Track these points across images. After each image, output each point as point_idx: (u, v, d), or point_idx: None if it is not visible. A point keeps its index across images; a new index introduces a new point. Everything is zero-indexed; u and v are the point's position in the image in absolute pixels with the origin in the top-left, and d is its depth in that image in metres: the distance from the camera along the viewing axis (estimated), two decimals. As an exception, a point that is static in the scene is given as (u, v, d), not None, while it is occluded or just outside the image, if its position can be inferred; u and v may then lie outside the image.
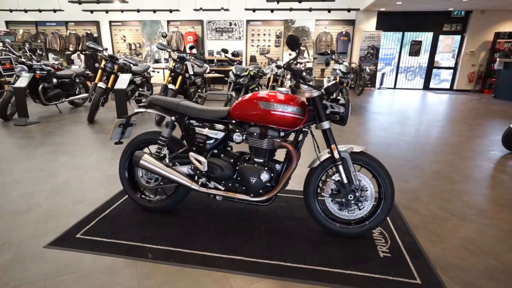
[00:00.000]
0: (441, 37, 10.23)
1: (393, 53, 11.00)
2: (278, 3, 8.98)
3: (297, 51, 1.76)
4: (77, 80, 6.21)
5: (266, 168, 1.91)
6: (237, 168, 1.96)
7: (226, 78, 6.10)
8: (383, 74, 10.89)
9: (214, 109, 2.04)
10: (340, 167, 1.87)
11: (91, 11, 10.54)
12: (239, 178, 1.96)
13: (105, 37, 11.27)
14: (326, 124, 1.87)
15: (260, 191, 1.93)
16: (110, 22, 11.19)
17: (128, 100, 5.37)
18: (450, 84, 10.62)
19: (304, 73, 1.88)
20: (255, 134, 1.93)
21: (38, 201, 2.39)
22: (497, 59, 9.08)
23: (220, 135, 1.98)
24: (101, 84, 4.92)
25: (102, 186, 2.66)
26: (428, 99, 8.57)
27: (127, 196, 2.46)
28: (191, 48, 6.14)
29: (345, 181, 1.87)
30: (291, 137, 2.07)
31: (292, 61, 1.86)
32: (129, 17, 10.95)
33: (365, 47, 10.12)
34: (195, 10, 9.54)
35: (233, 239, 1.93)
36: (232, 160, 2.02)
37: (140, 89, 6.13)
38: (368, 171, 1.94)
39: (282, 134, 1.94)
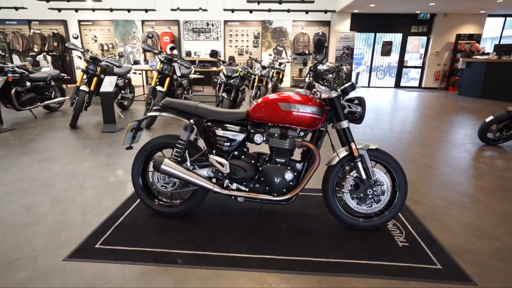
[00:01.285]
0: (409, 38, 10.86)
1: (362, 53, 11.49)
2: (258, 4, 9.05)
3: (322, 53, 1.83)
4: (52, 83, 5.86)
5: (289, 168, 1.95)
6: (260, 168, 1.99)
7: (215, 79, 6.05)
8: (357, 73, 11.34)
9: (233, 111, 2.05)
10: (359, 164, 1.96)
11: (59, 10, 9.96)
12: (262, 179, 1.99)
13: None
14: (345, 123, 1.95)
15: (284, 190, 1.98)
16: (80, 21, 10.65)
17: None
18: (418, 82, 11.30)
19: (330, 75, 1.96)
20: (276, 134, 1.97)
21: (42, 212, 2.26)
22: (460, 59, 9.81)
23: (240, 136, 2.00)
24: (84, 87, 4.70)
25: (107, 194, 2.56)
26: (401, 96, 9.06)
27: (137, 202, 2.40)
28: (171, 49, 6.04)
29: (364, 176, 1.96)
30: (308, 137, 2.13)
31: (318, 63, 1.93)
32: (101, 16, 10.49)
33: (341, 48, 10.48)
34: (172, 10, 9.35)
35: (258, 239, 1.95)
36: (253, 161, 2.04)
37: (123, 91, 5.92)
38: (383, 166, 2.05)
39: (301, 134, 2.00)
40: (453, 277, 1.65)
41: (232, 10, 9.41)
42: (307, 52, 10.50)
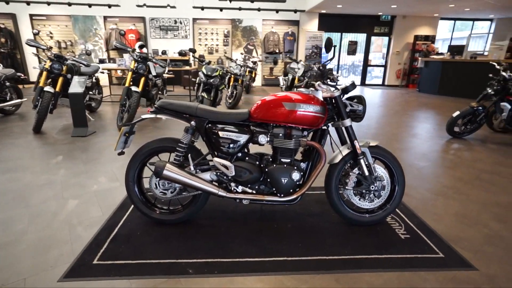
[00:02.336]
0: (373, 38, 11.41)
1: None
2: (230, 1, 8.94)
3: (332, 52, 1.85)
4: (7, 83, 5.32)
5: (295, 167, 1.94)
6: (266, 169, 1.95)
7: (193, 79, 5.86)
8: (326, 72, 11.67)
9: (234, 111, 1.99)
10: (362, 161, 2.00)
11: (7, 2, 9.04)
12: (268, 180, 1.95)
13: (24, 33, 9.80)
14: (347, 122, 1.98)
15: (291, 190, 1.96)
16: (32, 15, 9.77)
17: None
18: (382, 80, 11.93)
19: (334, 74, 1.97)
20: (280, 134, 1.95)
21: (21, 229, 2.02)
22: (419, 58, 10.52)
23: (244, 137, 1.95)
24: (49, 88, 4.30)
25: (93, 204, 2.37)
26: (368, 94, 9.50)
27: (130, 211, 2.24)
28: (141, 47, 5.78)
29: (367, 173, 2.01)
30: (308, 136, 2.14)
31: (328, 62, 1.93)
32: (57, 11, 9.71)
33: (310, 47, 10.72)
34: (138, 6, 8.92)
35: (266, 242, 1.92)
36: (257, 162, 2.00)
37: (90, 92, 5.54)
38: (382, 162, 2.12)
39: (305, 133, 1.99)
40: (455, 264, 1.75)
41: (202, 8, 9.22)
42: (277, 51, 10.60)
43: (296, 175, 1.92)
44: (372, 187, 2.03)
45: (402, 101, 8.10)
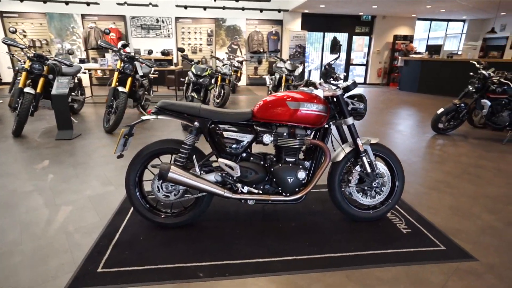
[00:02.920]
0: (354, 37, 11.65)
1: (308, 51, 12.04)
2: (215, 0, 8.85)
3: (337, 51, 1.88)
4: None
5: (301, 166, 1.95)
6: (271, 169, 1.94)
7: (182, 79, 5.75)
8: (310, 71, 11.82)
9: (238, 111, 1.97)
10: (364, 158, 2.04)
11: (-25, -1, 8.52)
12: (274, 179, 1.95)
13: (-5, 32, 9.27)
14: (350, 120, 2.01)
15: (297, 189, 1.97)
16: (2, 12, 9.25)
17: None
18: (364, 78, 12.22)
19: (339, 73, 2.00)
20: (284, 134, 1.95)
21: (13, 239, 1.91)
22: (399, 57, 10.85)
23: (249, 137, 1.93)
24: (29, 90, 4.09)
25: (89, 209, 2.27)
26: (351, 92, 9.69)
27: (130, 215, 2.17)
28: (124, 46, 5.64)
29: (369, 170, 2.05)
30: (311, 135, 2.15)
31: (334, 61, 1.95)
32: (31, 8, 9.25)
33: (293, 46, 10.82)
34: (119, 4, 8.65)
35: (273, 241, 1.92)
36: (261, 162, 1.99)
37: (73, 93, 5.32)
38: (382, 159, 2.17)
39: (308, 132, 2.00)
40: (457, 255, 1.82)
41: (185, 7, 9.07)
42: (261, 50, 10.61)
43: (302, 174, 1.93)
44: (375, 184, 2.08)
45: (385, 99, 8.33)
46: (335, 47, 1.88)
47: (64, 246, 1.84)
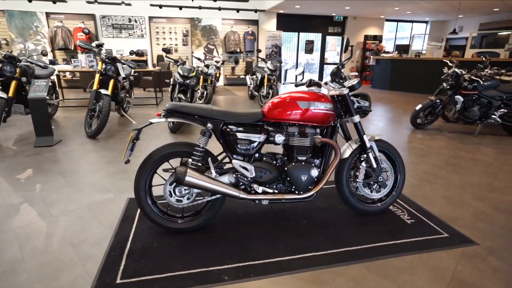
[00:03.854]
0: (327, 37, 11.99)
1: (279, 51, 12.24)
2: (192, 0, 8.69)
3: (350, 51, 1.94)
4: None
5: (313, 164, 1.99)
6: (284, 168, 1.96)
7: (167, 80, 5.57)
8: (286, 70, 12.01)
9: (249, 111, 1.97)
10: (370, 154, 2.12)
11: None
12: (288, 178, 1.97)
13: None
14: (357, 118, 2.08)
15: (309, 187, 2.00)
16: (-46, 11, 8.46)
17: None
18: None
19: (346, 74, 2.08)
20: (296, 133, 1.98)
21: (13, 255, 1.77)
22: (370, 56, 11.33)
23: (262, 138, 1.94)
24: (1, 94, 3.79)
25: (91, 219, 2.16)
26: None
27: (137, 222, 2.09)
28: (99, 46, 5.42)
29: (375, 165, 2.14)
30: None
31: (346, 61, 2.01)
32: (-13, 6, 8.53)
33: (270, 46, 10.92)
34: (89, 2, 8.23)
35: (289, 239, 1.94)
36: (274, 162, 2.01)
37: (47, 97, 4.98)
38: (384, 153, 2.27)
39: (318, 130, 2.05)
40: (460, 241, 1.96)
41: (160, 6, 8.83)
42: (238, 50, 10.60)
43: (314, 172, 1.97)
44: (380, 178, 2.17)
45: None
46: (347, 47, 1.94)
47: (73, 259, 1.74)
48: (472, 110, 4.47)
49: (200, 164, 1.90)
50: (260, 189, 1.95)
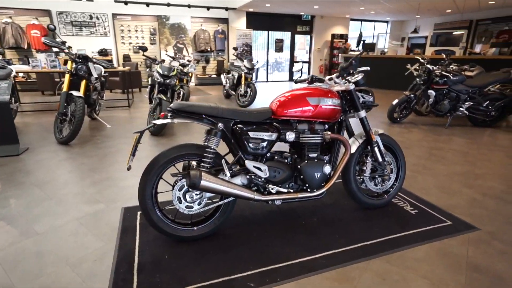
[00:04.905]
0: (296, 36, 12.18)
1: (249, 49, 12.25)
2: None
3: (362, 46, 1.93)
4: None
5: (325, 161, 1.96)
6: (297, 166, 1.92)
7: (146, 81, 5.24)
8: (257, 69, 11.98)
9: (258, 109, 1.89)
10: (376, 148, 2.15)
11: None
12: (301, 176, 1.92)
13: None
14: (363, 113, 2.10)
15: (322, 184, 1.98)
16: None
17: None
18: (307, 75, 12.84)
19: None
20: (306, 130, 1.95)
21: (4, 283, 1.53)
22: (339, 54, 11.70)
23: (274, 136, 1.87)
24: (-47, 98, 3.32)
25: (85, 233, 1.95)
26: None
27: (139, 233, 1.92)
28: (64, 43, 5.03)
29: (380, 159, 2.17)
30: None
31: (359, 55, 2.00)
32: None
33: (240, 44, 10.83)
34: (45, -3, 7.55)
35: (305, 239, 1.90)
36: (285, 160, 1.95)
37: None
38: (385, 147, 2.31)
39: (326, 126, 2.03)
40: (463, 228, 2.05)
41: (126, 3, 8.36)
42: (209, 49, 10.38)
43: (327, 168, 1.95)
44: (386, 171, 2.21)
45: (332, 93, 8.89)
46: (359, 41, 1.93)
47: (75, 280, 1.55)
48: (443, 104, 4.76)
49: (209, 166, 1.79)
50: (274, 189, 1.89)
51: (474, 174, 2.99)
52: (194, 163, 1.86)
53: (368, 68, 2.18)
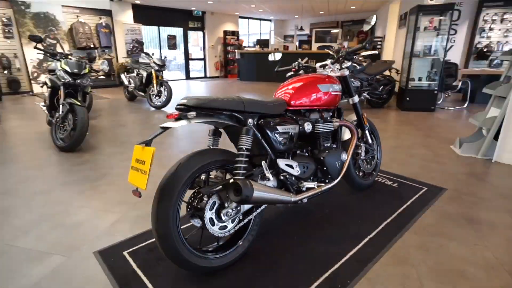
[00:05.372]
0: (189, 32, 11.71)
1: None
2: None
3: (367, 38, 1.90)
4: None
5: (341, 149, 1.91)
6: (320, 158, 1.79)
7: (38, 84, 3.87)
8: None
9: (274, 100, 1.66)
10: (367, 132, 2.24)
11: None
12: (324, 168, 1.80)
13: None
14: (356, 98, 2.14)
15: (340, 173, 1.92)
16: None
17: None
18: (204, 72, 12.60)
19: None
20: (319, 119, 1.84)
21: None
22: (235, 50, 11.89)
23: (297, 128, 1.69)
24: None
25: (87, 266, 1.30)
26: (198, 86, 9.86)
27: (144, 277, 1.41)
28: None
29: (370, 141, 2.28)
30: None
31: (368, 41, 1.95)
32: None
33: (130, 41, 9.65)
34: None
35: (331, 231, 1.82)
36: (307, 153, 1.80)
37: None
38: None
39: (330, 113, 1.98)
40: (437, 190, 2.38)
41: (-39, -20, 6.09)
42: (92, 45, 8.79)
43: (344, 156, 1.90)
44: (375, 152, 2.33)
45: (237, 89, 9.00)
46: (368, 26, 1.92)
47: None
48: (351, 90, 5.46)
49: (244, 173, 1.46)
50: (304, 186, 1.71)
51: (405, 146, 3.54)
52: (215, 172, 1.49)
53: (377, 52, 2.22)
